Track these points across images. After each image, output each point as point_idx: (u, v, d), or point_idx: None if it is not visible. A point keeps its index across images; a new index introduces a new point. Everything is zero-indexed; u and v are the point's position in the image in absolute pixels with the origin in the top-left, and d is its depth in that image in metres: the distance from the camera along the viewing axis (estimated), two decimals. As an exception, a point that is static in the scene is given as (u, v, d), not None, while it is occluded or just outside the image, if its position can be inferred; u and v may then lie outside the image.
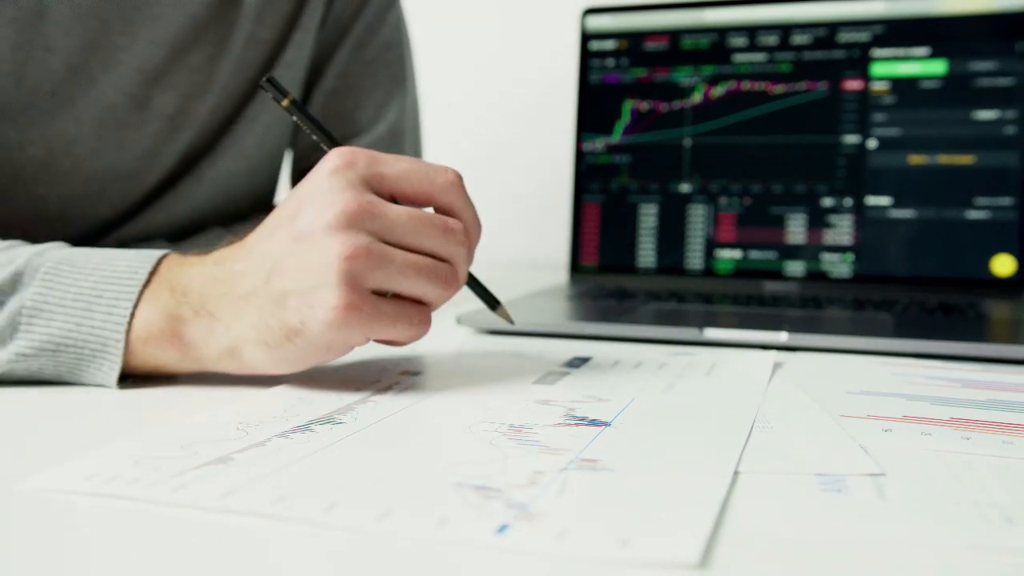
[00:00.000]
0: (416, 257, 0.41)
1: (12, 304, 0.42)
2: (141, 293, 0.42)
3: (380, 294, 0.41)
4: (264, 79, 0.47)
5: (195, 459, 0.31)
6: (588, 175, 0.94)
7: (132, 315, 0.42)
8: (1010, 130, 0.82)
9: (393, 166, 0.42)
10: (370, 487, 0.29)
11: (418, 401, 0.41)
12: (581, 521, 0.26)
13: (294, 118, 0.48)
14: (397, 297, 0.42)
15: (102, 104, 0.62)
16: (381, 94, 0.77)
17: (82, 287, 0.43)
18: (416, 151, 0.83)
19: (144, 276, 0.43)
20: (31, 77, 0.59)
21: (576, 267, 0.94)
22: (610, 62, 0.94)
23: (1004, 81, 0.83)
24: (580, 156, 0.95)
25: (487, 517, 0.26)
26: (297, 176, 0.81)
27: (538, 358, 0.52)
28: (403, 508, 0.26)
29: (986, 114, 0.83)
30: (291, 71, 0.72)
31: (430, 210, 0.44)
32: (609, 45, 0.95)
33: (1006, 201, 0.82)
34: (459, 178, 0.44)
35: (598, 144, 0.94)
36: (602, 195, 0.93)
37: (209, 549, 0.25)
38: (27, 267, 0.43)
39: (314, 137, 0.48)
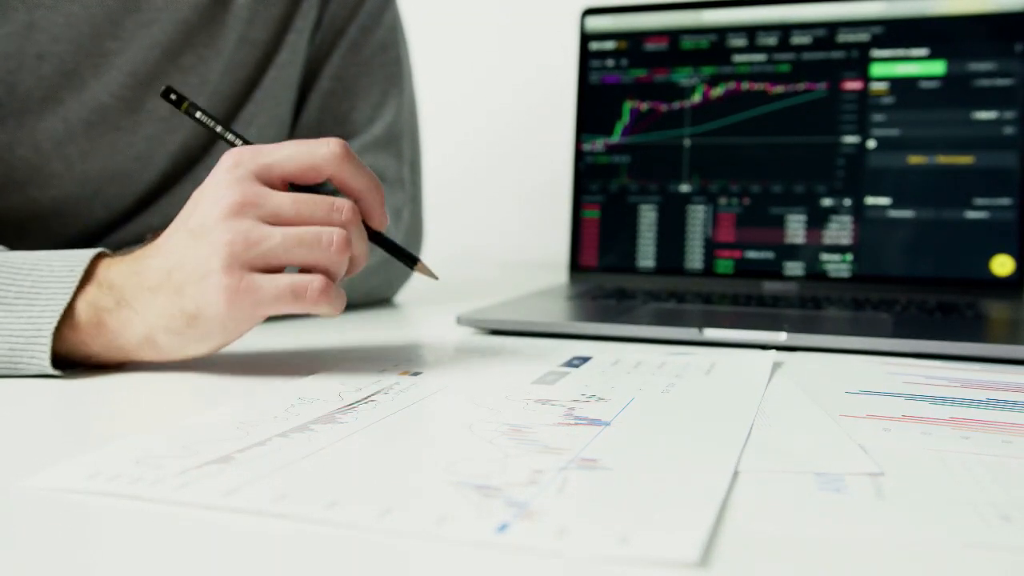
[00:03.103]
0: (296, 229, 0.44)
1: None
2: (77, 291, 0.45)
3: (276, 272, 0.44)
4: (163, 90, 0.50)
5: (196, 458, 0.31)
6: (588, 175, 0.94)
7: (65, 312, 0.44)
8: (1009, 130, 0.82)
9: (275, 153, 0.45)
10: (370, 486, 0.29)
11: (418, 401, 0.41)
12: (581, 520, 0.26)
13: (200, 122, 0.50)
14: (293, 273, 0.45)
15: (92, 106, 0.62)
16: (377, 95, 0.77)
17: (22, 287, 0.45)
18: (414, 151, 0.83)
19: (79, 274, 0.45)
20: (23, 84, 0.59)
21: (576, 267, 0.94)
22: (610, 62, 0.94)
23: (1003, 81, 0.83)
24: (580, 156, 0.95)
25: (487, 516, 0.26)
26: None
27: (538, 358, 0.52)
28: (403, 507, 0.27)
29: (985, 114, 0.83)
30: (285, 72, 0.72)
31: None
32: (609, 46, 0.95)
33: (1005, 201, 0.82)
34: (343, 147, 0.46)
35: (598, 144, 0.94)
36: (602, 195, 0.93)
37: (211, 547, 0.25)
38: None
39: (226, 138, 0.50)
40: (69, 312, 0.45)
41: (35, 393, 0.42)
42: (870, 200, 0.85)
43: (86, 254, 0.46)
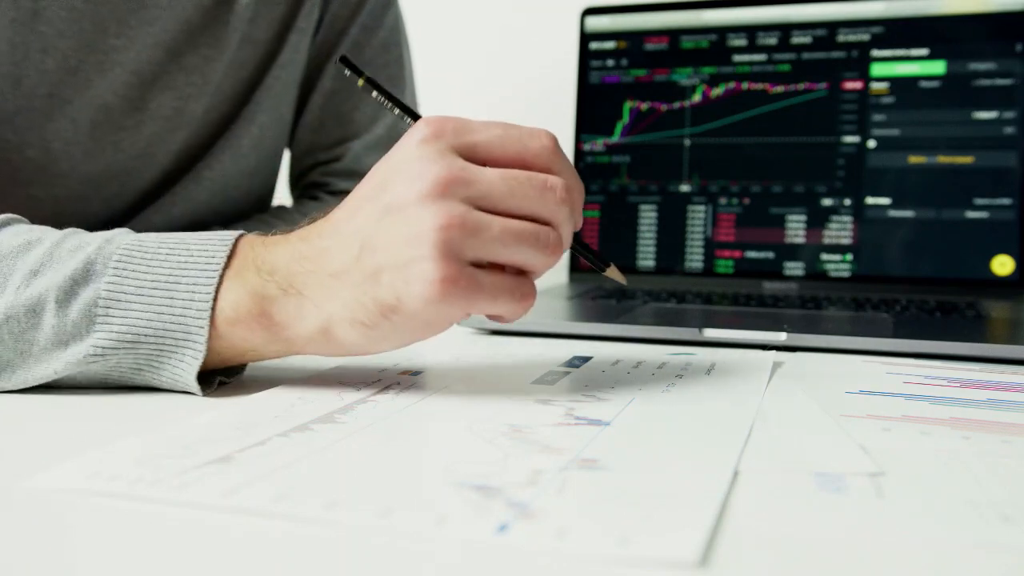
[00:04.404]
0: (515, 223, 0.39)
1: (86, 295, 0.40)
2: (223, 276, 0.40)
3: (479, 265, 0.39)
4: (339, 58, 0.46)
5: (196, 458, 0.31)
6: (588, 175, 0.94)
7: (215, 299, 0.40)
8: (1009, 130, 0.82)
9: (483, 133, 0.40)
10: (370, 486, 0.29)
11: (418, 401, 0.41)
12: (581, 520, 0.26)
13: (375, 95, 0.46)
14: (497, 268, 0.40)
15: (97, 105, 0.62)
16: None
17: (158, 274, 0.41)
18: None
19: (222, 259, 0.41)
20: (28, 79, 0.59)
21: (576, 267, 0.94)
22: (610, 62, 0.94)
23: (1003, 81, 0.83)
24: (580, 156, 0.95)
25: (487, 516, 0.26)
26: (295, 177, 0.81)
27: (538, 358, 0.52)
28: (403, 507, 0.27)
29: (985, 114, 0.83)
30: (287, 71, 0.72)
31: None
32: (609, 45, 0.95)
33: (1005, 201, 0.82)
34: (554, 141, 0.41)
35: (598, 144, 0.94)
36: (602, 195, 0.93)
37: (210, 547, 0.25)
38: (98, 255, 0.41)
39: (397, 112, 0.46)
40: (227, 303, 0.40)
41: (35, 394, 0.42)
42: (870, 200, 0.85)
43: (229, 236, 0.42)
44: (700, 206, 0.90)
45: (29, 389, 0.42)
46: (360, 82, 0.45)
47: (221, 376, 0.43)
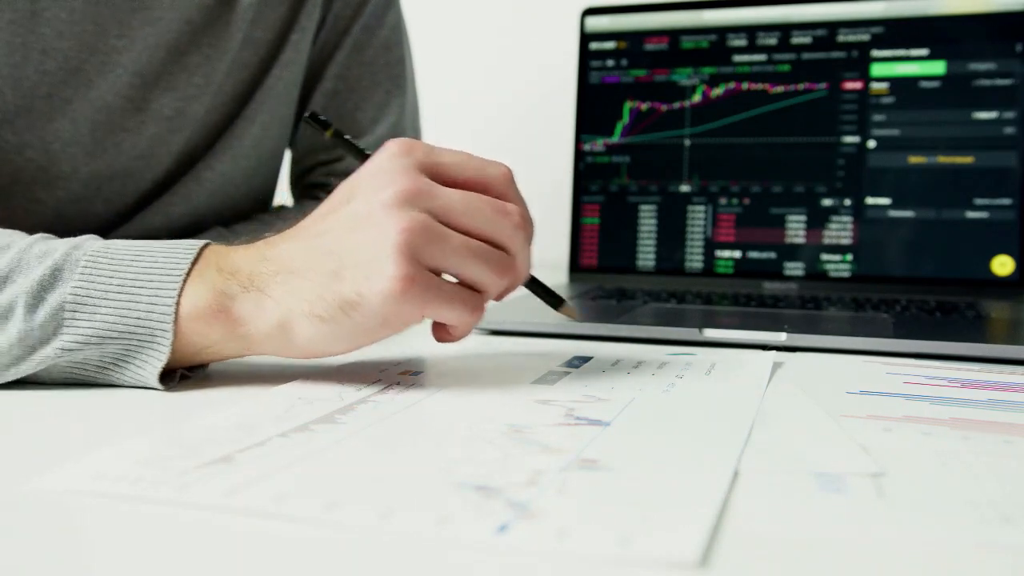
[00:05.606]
0: (473, 241, 0.41)
1: (53, 299, 0.41)
2: (186, 279, 0.42)
3: (435, 272, 0.41)
4: (306, 115, 0.48)
5: (198, 459, 0.31)
6: (588, 175, 0.94)
7: (179, 300, 0.41)
8: (1009, 130, 0.82)
9: (448, 156, 0.43)
10: (370, 486, 0.29)
11: (418, 401, 0.41)
12: (581, 520, 0.26)
13: (339, 146, 0.49)
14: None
15: (98, 106, 0.62)
16: (381, 95, 0.77)
17: (124, 277, 0.42)
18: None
19: (187, 264, 0.42)
20: (27, 80, 0.59)
21: (576, 267, 0.94)
22: (610, 62, 0.94)
23: (1003, 81, 0.83)
24: (580, 156, 0.95)
25: (487, 516, 0.26)
26: (296, 177, 0.81)
27: (538, 358, 0.52)
28: (403, 507, 0.27)
29: (985, 114, 0.83)
30: (289, 71, 0.72)
31: None
32: (609, 46, 0.95)
33: (1005, 201, 0.82)
34: (511, 173, 0.44)
35: (598, 144, 0.94)
36: (602, 195, 0.93)
37: (211, 547, 0.25)
38: (66, 261, 0.42)
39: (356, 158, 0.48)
40: (187, 299, 0.41)
41: (36, 395, 0.42)
42: (870, 200, 0.85)
43: (194, 244, 0.43)
44: (700, 206, 0.90)
45: (29, 389, 0.42)
46: (328, 134, 0.48)
47: (183, 370, 0.44)
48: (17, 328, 0.41)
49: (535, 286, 0.48)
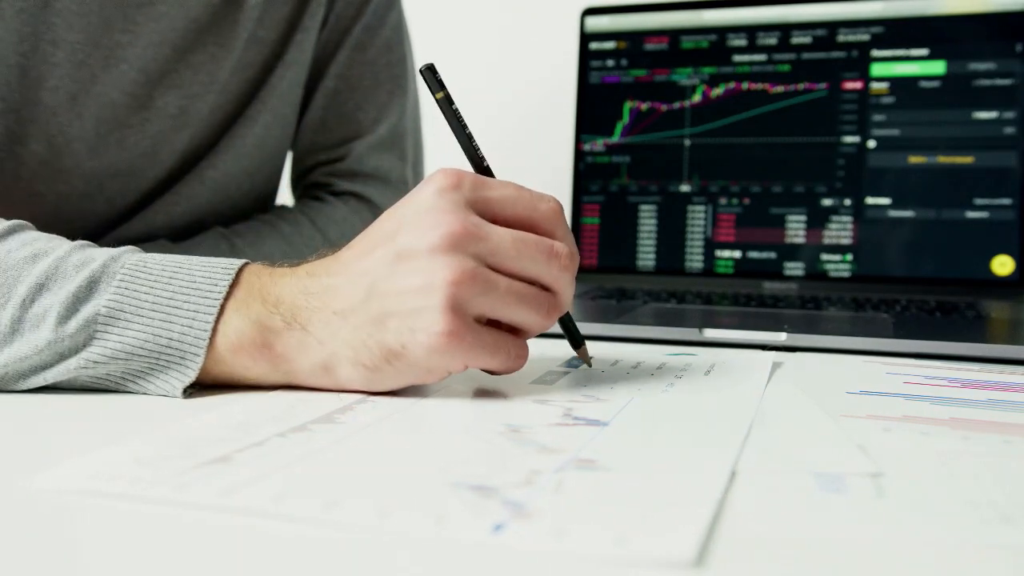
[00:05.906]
0: (520, 285, 0.40)
1: (87, 310, 0.40)
2: (224, 303, 0.41)
3: (479, 320, 0.41)
4: (423, 67, 0.45)
5: (195, 459, 0.31)
6: (588, 175, 0.94)
7: (215, 327, 0.41)
8: (1009, 130, 0.82)
9: (498, 190, 0.42)
10: (368, 486, 0.29)
11: (416, 401, 0.41)
12: (578, 520, 0.26)
13: (443, 113, 0.46)
14: (495, 323, 0.41)
15: (103, 102, 0.62)
16: (383, 94, 0.77)
17: (159, 295, 0.41)
18: (417, 151, 0.83)
19: (225, 287, 0.41)
20: (35, 70, 0.59)
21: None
22: (610, 62, 0.94)
23: (1003, 81, 0.83)
24: (580, 156, 0.95)
25: (484, 516, 0.26)
26: (297, 177, 0.81)
27: (538, 358, 0.52)
28: (401, 507, 0.27)
29: (985, 114, 0.83)
30: (292, 71, 0.72)
31: None
32: (609, 46, 0.95)
33: (1005, 201, 0.82)
34: (561, 207, 0.43)
35: (598, 144, 0.94)
36: (602, 195, 0.93)
37: (210, 547, 0.25)
38: (103, 272, 0.41)
39: (472, 145, 0.46)
40: (230, 330, 0.40)
41: (37, 395, 0.42)
42: (870, 200, 0.85)
43: (232, 264, 0.42)
44: (700, 206, 0.90)
45: (29, 389, 0.42)
46: (438, 96, 0.45)
47: None
48: (46, 336, 0.40)
49: (565, 321, 0.48)
